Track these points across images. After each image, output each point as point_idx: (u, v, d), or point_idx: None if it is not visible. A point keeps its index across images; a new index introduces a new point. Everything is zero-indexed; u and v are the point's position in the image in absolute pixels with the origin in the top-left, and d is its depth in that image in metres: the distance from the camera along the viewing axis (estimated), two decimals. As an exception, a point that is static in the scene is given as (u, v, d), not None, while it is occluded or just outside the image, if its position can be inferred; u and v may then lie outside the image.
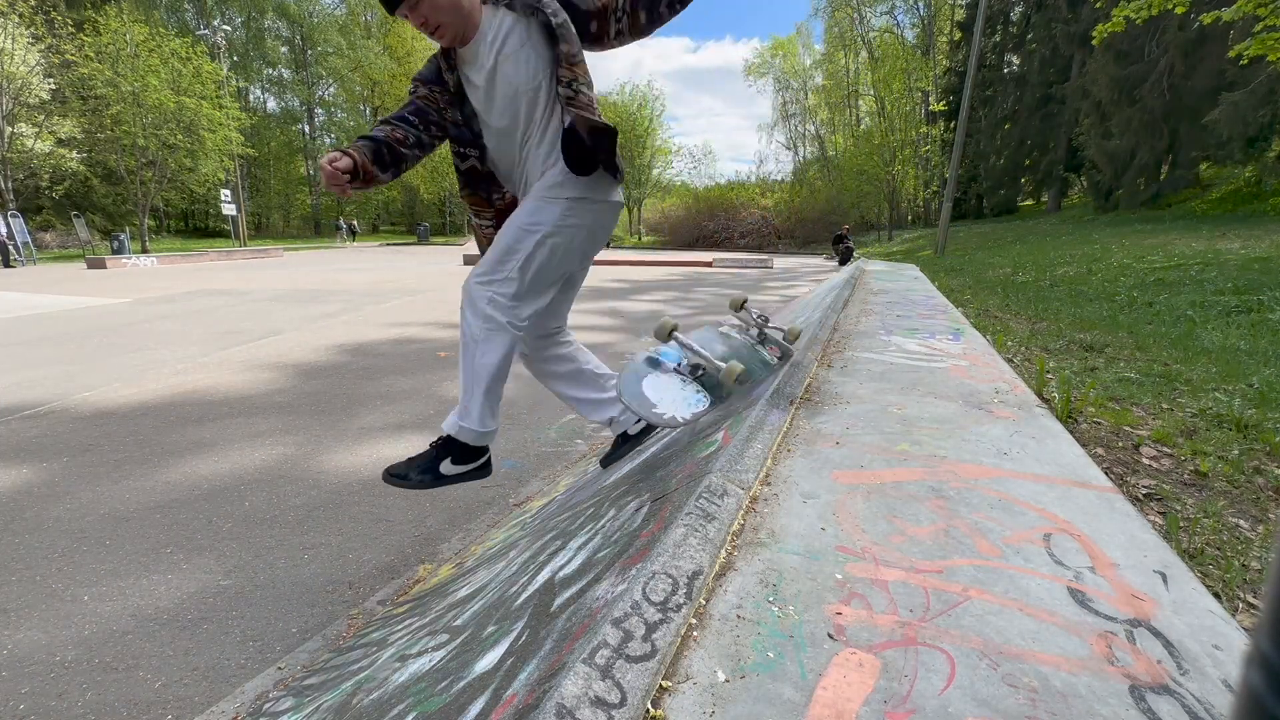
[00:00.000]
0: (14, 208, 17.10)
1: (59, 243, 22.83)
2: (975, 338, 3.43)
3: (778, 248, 25.93)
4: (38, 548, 1.93)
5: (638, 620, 0.87)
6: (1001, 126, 26.16)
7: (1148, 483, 1.75)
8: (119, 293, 9.17)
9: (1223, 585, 1.25)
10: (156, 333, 5.68)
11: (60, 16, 18.50)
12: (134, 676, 1.39)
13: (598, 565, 1.13)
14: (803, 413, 1.98)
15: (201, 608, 1.64)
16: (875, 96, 31.73)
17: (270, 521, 2.10)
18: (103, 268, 14.42)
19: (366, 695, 1.10)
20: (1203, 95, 14.28)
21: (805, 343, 2.91)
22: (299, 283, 10.69)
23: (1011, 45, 27.23)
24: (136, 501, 2.24)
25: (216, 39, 24.69)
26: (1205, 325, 4.27)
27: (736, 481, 1.36)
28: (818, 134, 45.40)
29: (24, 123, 18.39)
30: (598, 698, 0.73)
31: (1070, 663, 0.85)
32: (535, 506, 2.11)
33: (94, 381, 3.91)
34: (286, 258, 19.33)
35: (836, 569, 1.08)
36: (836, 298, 5.01)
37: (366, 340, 5.31)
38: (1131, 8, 7.11)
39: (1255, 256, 7.14)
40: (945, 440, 1.71)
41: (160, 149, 19.92)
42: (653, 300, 8.45)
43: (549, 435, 2.99)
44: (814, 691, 0.79)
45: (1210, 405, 2.41)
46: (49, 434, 2.96)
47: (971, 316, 4.71)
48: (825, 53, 42.03)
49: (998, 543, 1.17)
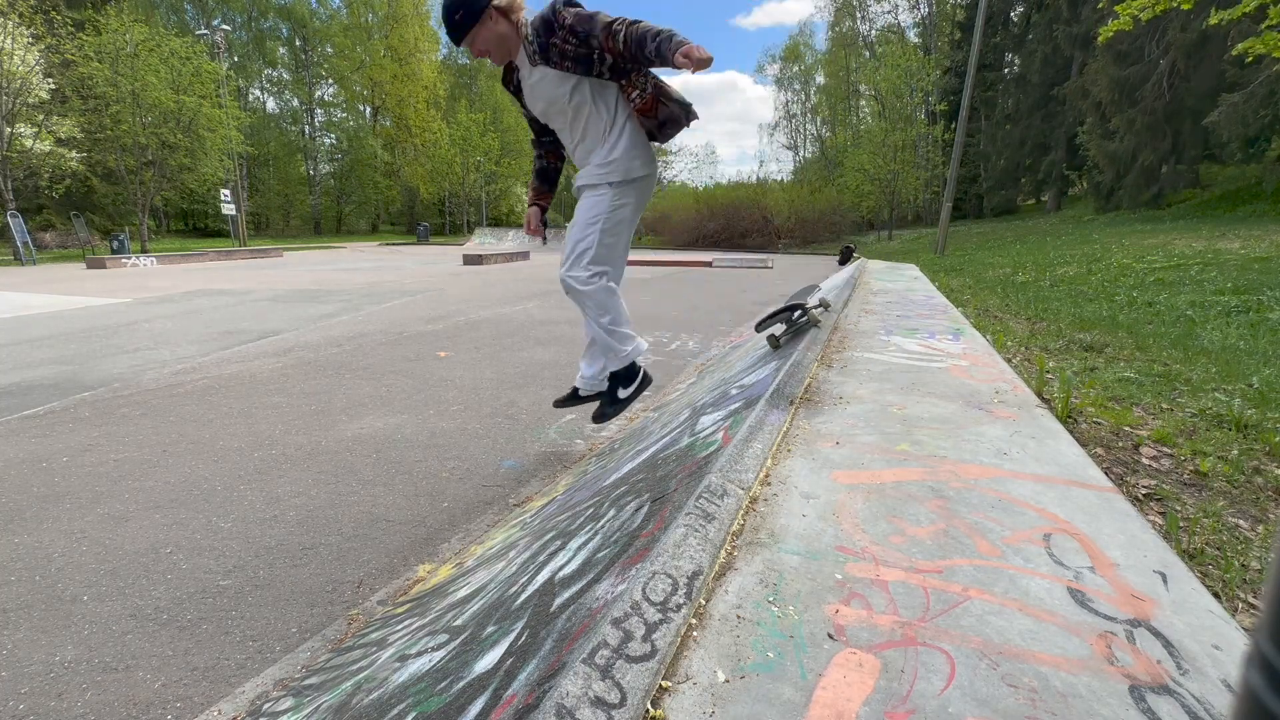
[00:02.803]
0: (14, 207, 17.09)
1: (59, 242, 22.82)
2: (975, 338, 3.43)
3: (778, 248, 25.91)
4: (37, 547, 1.93)
5: (638, 620, 0.87)
6: (1001, 126, 26.16)
7: (1148, 483, 1.75)
8: (118, 293, 9.17)
9: (1223, 585, 1.25)
10: (156, 332, 5.68)
11: (60, 16, 18.48)
12: (134, 676, 1.39)
13: (598, 565, 1.13)
14: (803, 413, 1.98)
15: (201, 608, 1.64)
16: (877, 97, 31.74)
17: (270, 521, 2.10)
18: (102, 267, 14.43)
19: (366, 695, 1.10)
20: (1203, 96, 14.28)
21: (805, 342, 2.91)
22: (298, 283, 10.70)
23: (1011, 45, 27.23)
24: (136, 501, 2.24)
25: (216, 38, 24.67)
26: (1205, 325, 4.27)
27: (736, 482, 1.36)
28: (819, 134, 45.43)
29: (24, 122, 18.38)
30: (598, 698, 0.73)
31: (1070, 663, 0.85)
32: (535, 506, 2.11)
33: (93, 381, 3.91)
34: (286, 257, 19.33)
35: (836, 569, 1.08)
36: (836, 298, 5.00)
37: (366, 340, 5.31)
38: (1135, 5, 7.08)
39: (1255, 256, 7.14)
40: (945, 440, 1.71)
41: (160, 148, 19.91)
42: (644, 299, 8.45)
43: (549, 435, 2.99)
44: (814, 692, 0.79)
45: (1210, 405, 2.41)
46: (48, 434, 2.96)
47: (971, 316, 4.71)
48: (827, 51, 42.05)
49: (998, 543, 1.17)
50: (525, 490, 2.37)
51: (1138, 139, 15.93)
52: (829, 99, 43.28)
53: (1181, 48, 14.48)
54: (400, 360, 4.52)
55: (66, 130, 19.19)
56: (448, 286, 10.03)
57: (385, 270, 13.60)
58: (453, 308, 7.41)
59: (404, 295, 8.69)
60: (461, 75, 45.87)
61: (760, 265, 15.61)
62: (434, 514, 2.18)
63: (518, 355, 4.70)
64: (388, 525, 2.09)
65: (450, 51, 42.68)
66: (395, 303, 7.86)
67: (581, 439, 2.94)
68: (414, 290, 9.38)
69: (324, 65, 38.50)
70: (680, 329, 6.00)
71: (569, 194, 66.93)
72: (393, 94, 38.14)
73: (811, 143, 47.13)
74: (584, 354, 2.47)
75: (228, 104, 22.21)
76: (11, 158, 17.69)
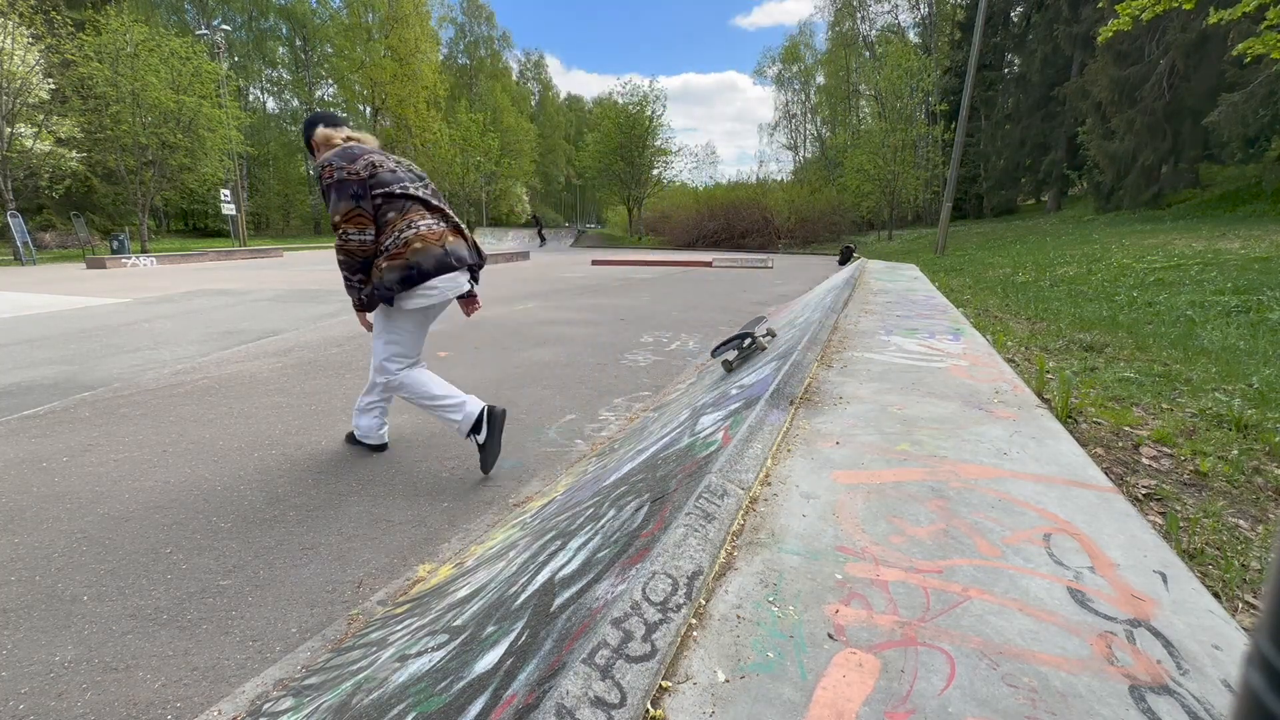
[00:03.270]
0: (14, 207, 17.09)
1: (59, 242, 22.83)
2: (975, 338, 3.43)
3: (778, 248, 25.91)
4: (37, 547, 1.93)
5: (637, 620, 0.87)
6: (1001, 126, 26.15)
7: (1148, 483, 1.75)
8: (118, 292, 9.17)
9: (1223, 585, 1.25)
10: (156, 332, 5.68)
11: (60, 16, 18.48)
12: (134, 676, 1.39)
13: (598, 565, 1.13)
14: (803, 413, 1.98)
15: (201, 608, 1.64)
16: (877, 97, 31.73)
17: (270, 521, 2.10)
18: (102, 267, 14.43)
19: (366, 695, 1.10)
20: (1203, 96, 14.28)
21: (805, 342, 2.91)
22: (298, 283, 10.69)
23: (1011, 45, 27.23)
24: (136, 501, 2.24)
25: (216, 38, 24.68)
26: (1205, 325, 4.27)
27: (736, 481, 1.36)
28: (819, 134, 45.45)
29: (24, 122, 18.38)
30: (598, 698, 0.73)
31: (1070, 663, 0.85)
32: (535, 506, 2.11)
33: (93, 381, 3.91)
34: (287, 257, 19.33)
35: (836, 569, 1.08)
36: (836, 298, 5.01)
37: (366, 340, 5.31)
38: (1136, 4, 7.08)
39: (1255, 256, 7.14)
40: (945, 440, 1.71)
41: (160, 148, 19.92)
42: (644, 298, 8.44)
43: (549, 435, 2.99)
44: (814, 692, 0.79)
45: (1210, 405, 2.41)
46: (48, 434, 2.96)
47: (971, 316, 4.71)
48: (827, 51, 42.07)
49: (998, 543, 1.17)
50: (525, 490, 2.37)
51: (1138, 139, 15.93)
52: (829, 99, 43.29)
53: (1181, 48, 14.47)
54: (400, 360, 4.52)
55: (66, 130, 19.19)
56: (448, 286, 10.00)
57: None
58: (452, 307, 7.41)
59: (404, 295, 8.67)
60: (461, 76, 45.90)
61: (760, 265, 15.61)
62: (434, 514, 2.18)
63: (518, 355, 4.70)
64: (388, 525, 2.09)
65: (450, 52, 42.74)
66: (395, 303, 7.84)
67: (581, 439, 2.94)
68: (414, 290, 9.35)
69: (324, 65, 38.51)
70: (680, 329, 6.00)
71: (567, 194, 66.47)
72: (393, 94, 38.14)
73: (811, 143, 47.19)
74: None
75: (228, 104, 22.21)
76: (11, 158, 17.69)
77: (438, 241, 2.32)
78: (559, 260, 19.06)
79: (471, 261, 2.49)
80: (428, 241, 2.30)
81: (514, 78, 54.40)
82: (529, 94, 57.36)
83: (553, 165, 55.39)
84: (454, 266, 2.37)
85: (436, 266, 2.31)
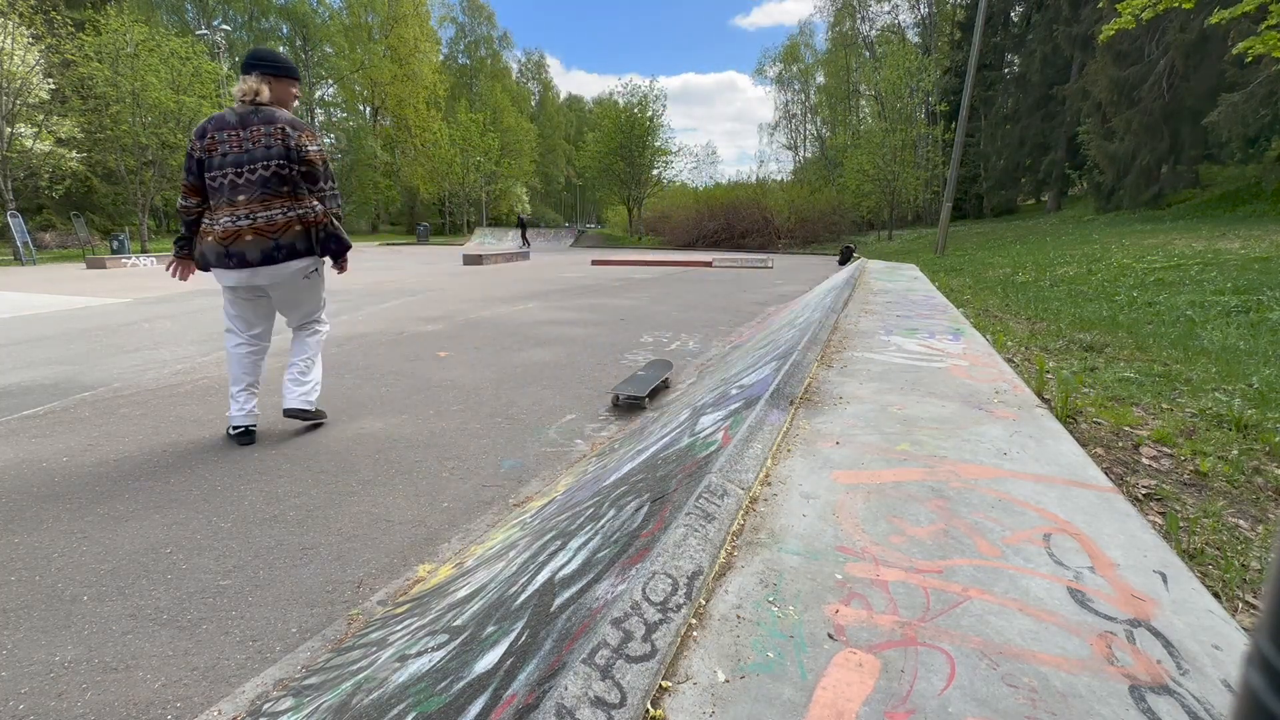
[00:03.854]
0: (14, 207, 17.08)
1: (59, 242, 22.81)
2: (975, 338, 3.43)
3: (779, 248, 25.90)
4: (38, 547, 1.93)
5: (637, 620, 0.87)
6: (1001, 126, 26.15)
7: (1148, 483, 1.75)
8: (119, 293, 9.17)
9: (1223, 585, 1.25)
10: (156, 332, 5.68)
11: (60, 16, 18.48)
12: (134, 676, 1.39)
13: (598, 565, 1.13)
14: (803, 413, 1.98)
15: (201, 608, 1.64)
16: (877, 97, 31.74)
17: (270, 521, 2.10)
18: (102, 267, 14.42)
19: (366, 695, 1.10)
20: (1202, 96, 14.28)
21: (805, 342, 2.91)
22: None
23: (1011, 45, 27.23)
24: (137, 501, 2.24)
25: (216, 38, 24.67)
26: (1205, 325, 4.27)
27: (736, 482, 1.36)
28: (819, 134, 45.45)
29: (24, 122, 18.38)
30: (597, 698, 0.73)
31: (1070, 663, 0.85)
32: (535, 506, 2.11)
33: (93, 381, 3.91)
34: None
35: (836, 569, 1.08)
36: (836, 298, 5.01)
37: (366, 340, 5.31)
38: (1137, 3, 7.08)
39: (1255, 256, 7.14)
40: (945, 440, 1.71)
41: (160, 148, 19.91)
42: (644, 298, 8.45)
43: (549, 435, 2.99)
44: (814, 692, 0.79)
45: (1210, 405, 2.41)
46: (48, 434, 2.96)
47: (971, 316, 4.71)
48: (827, 51, 42.08)
49: (998, 543, 1.17)
50: (525, 490, 2.37)
51: (1137, 139, 15.93)
52: (829, 99, 43.30)
53: (1181, 48, 14.47)
54: (400, 360, 4.52)
55: (66, 130, 19.18)
56: (448, 286, 10.02)
57: (385, 270, 13.60)
58: (453, 308, 7.41)
59: (404, 295, 8.69)
60: (461, 75, 45.89)
61: (760, 265, 15.61)
62: (434, 514, 2.18)
63: (518, 355, 4.70)
64: (388, 525, 2.09)
65: (450, 52, 42.75)
66: (395, 303, 7.86)
67: (581, 439, 2.94)
68: (414, 290, 9.38)
69: (324, 65, 38.49)
70: (680, 329, 6.00)
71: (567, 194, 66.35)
72: (392, 94, 38.15)
73: (811, 143, 47.20)
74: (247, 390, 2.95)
75: (228, 104, 22.19)
76: (11, 158, 17.68)
77: (220, 241, 2.60)
78: (559, 260, 19.06)
79: (255, 264, 2.66)
80: (215, 239, 2.61)
81: (514, 78, 54.40)
82: (529, 94, 57.35)
83: (553, 165, 55.38)
84: (229, 267, 2.62)
85: (216, 261, 2.64)
